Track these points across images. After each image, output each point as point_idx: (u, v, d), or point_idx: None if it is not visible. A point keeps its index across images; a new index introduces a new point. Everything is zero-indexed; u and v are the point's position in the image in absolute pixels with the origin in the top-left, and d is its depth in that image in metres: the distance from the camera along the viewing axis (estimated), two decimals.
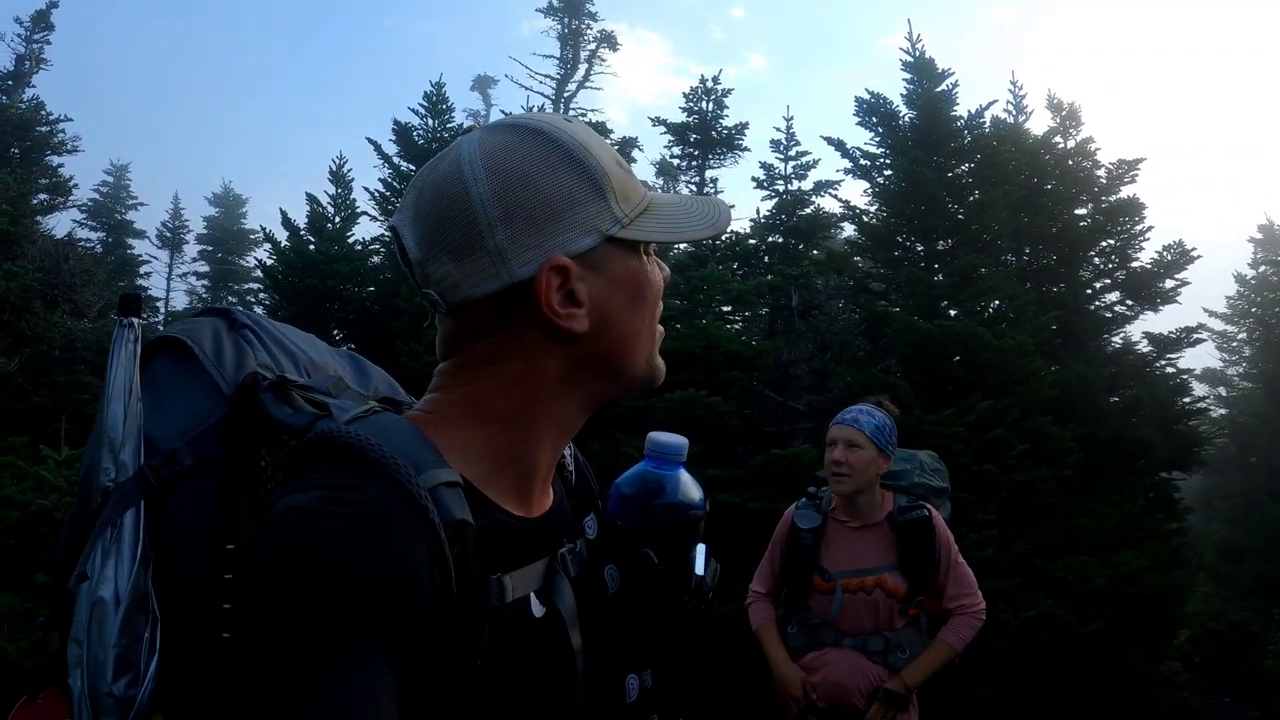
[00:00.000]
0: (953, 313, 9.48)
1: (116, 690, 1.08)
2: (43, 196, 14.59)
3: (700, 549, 1.24)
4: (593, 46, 18.77)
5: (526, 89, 19.10)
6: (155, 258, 30.12)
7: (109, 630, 1.09)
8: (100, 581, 1.10)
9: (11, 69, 16.44)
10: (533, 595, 1.04)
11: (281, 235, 10.82)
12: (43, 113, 15.60)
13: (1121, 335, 11.36)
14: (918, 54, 10.66)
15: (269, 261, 10.61)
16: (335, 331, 10.05)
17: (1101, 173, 11.72)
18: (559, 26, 18.65)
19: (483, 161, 1.03)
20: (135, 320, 1.24)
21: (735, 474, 7.69)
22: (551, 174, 1.04)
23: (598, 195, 1.05)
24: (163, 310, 26.23)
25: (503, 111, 11.91)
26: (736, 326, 10.70)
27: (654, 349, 1.14)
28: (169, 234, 31.72)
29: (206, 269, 31.82)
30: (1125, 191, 11.52)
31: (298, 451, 1.01)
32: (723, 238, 11.15)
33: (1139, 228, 11.34)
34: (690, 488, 1.25)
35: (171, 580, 1.12)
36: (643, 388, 1.15)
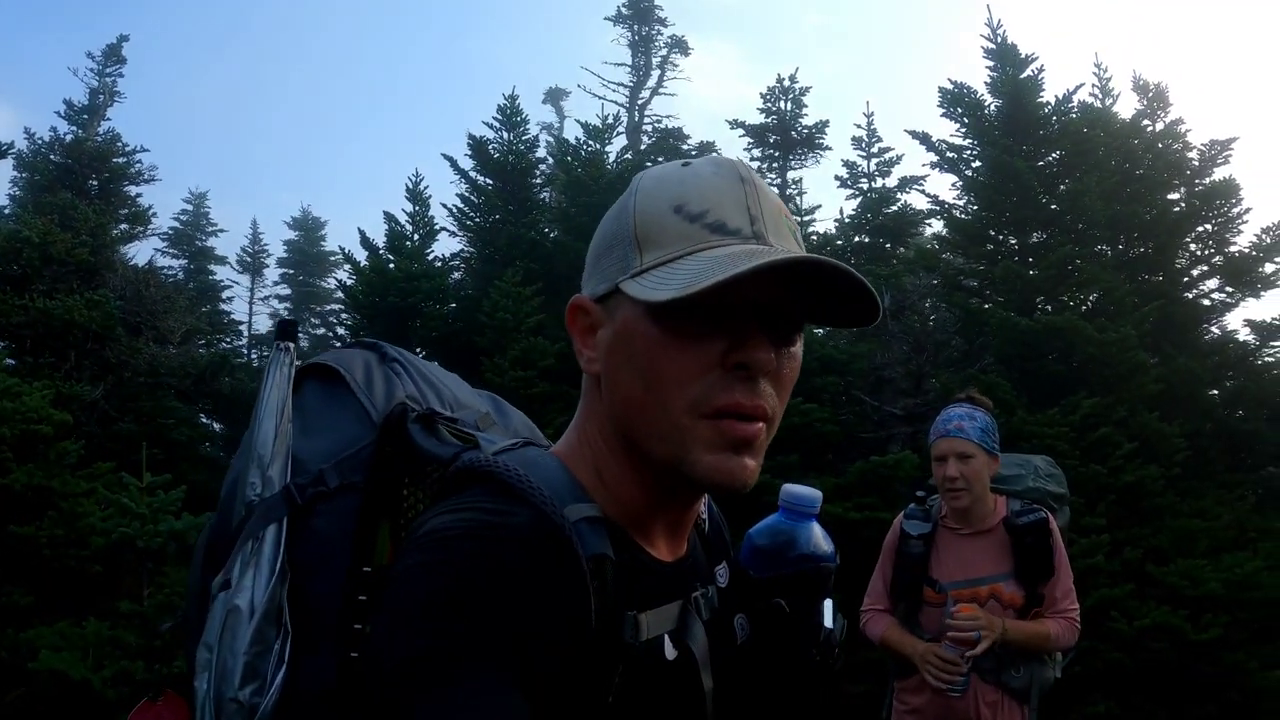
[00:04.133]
0: (1049, 308, 9.18)
1: (242, 697, 1.10)
2: (123, 226, 14.79)
3: (828, 603, 1.23)
4: (664, 52, 18.72)
5: (600, 98, 19.15)
6: (236, 283, 30.39)
7: (240, 638, 1.11)
8: (237, 590, 1.13)
9: (86, 103, 16.66)
10: (666, 637, 1.02)
11: (361, 255, 10.85)
12: (119, 144, 15.80)
13: (1221, 324, 10.98)
14: (1000, 40, 10.41)
15: (349, 282, 10.59)
16: (418, 349, 10.04)
17: (1193, 155, 11.35)
18: (629, 34, 18.61)
19: None
20: (290, 345, 1.30)
21: (835, 483, 7.54)
22: (609, 219, 1.06)
23: (622, 242, 1.01)
24: (245, 334, 26.62)
25: (578, 121, 11.82)
26: (824, 330, 10.46)
27: (686, 440, 0.97)
28: (249, 259, 32.03)
29: (288, 292, 32.15)
30: (1219, 173, 11.13)
31: (445, 479, 1.03)
32: (810, 238, 10.93)
33: (1236, 210, 10.92)
34: (822, 540, 1.24)
35: (307, 596, 1.14)
36: (678, 479, 1.00)
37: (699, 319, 0.95)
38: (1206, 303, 10.85)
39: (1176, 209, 10.93)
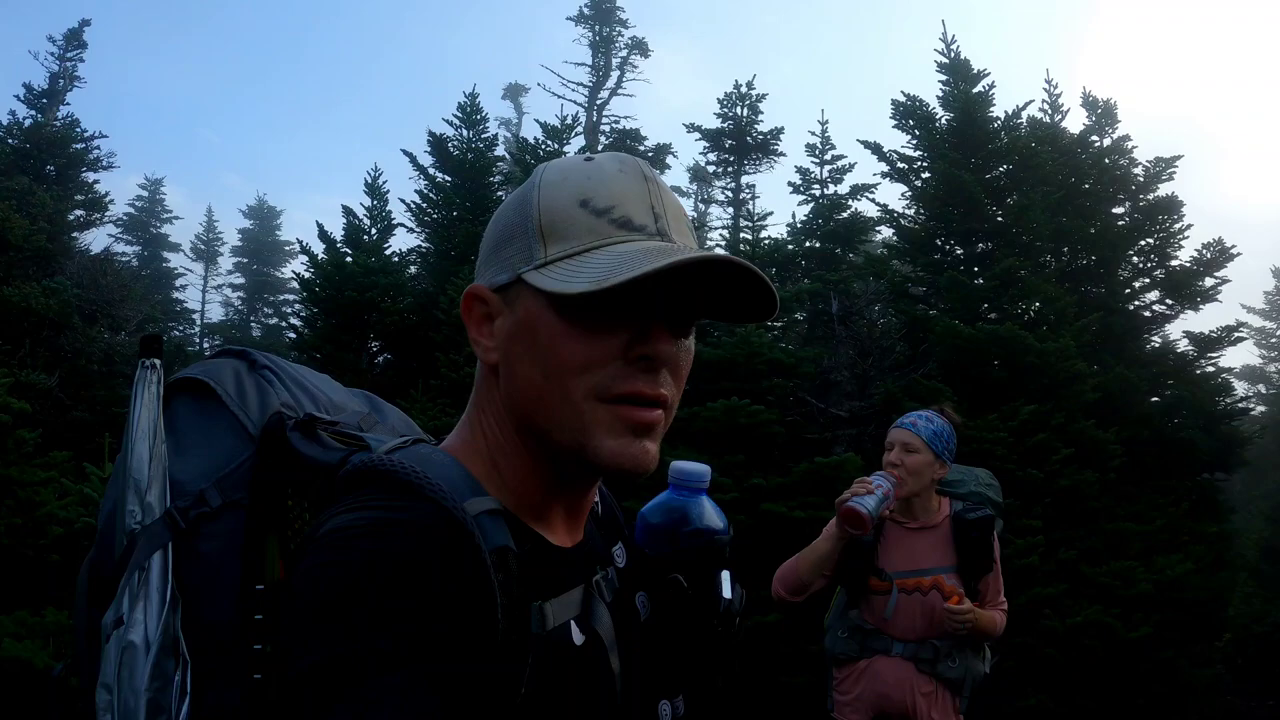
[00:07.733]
0: (993, 316, 9.41)
1: None
2: (79, 213, 14.67)
3: (725, 574, 1.25)
4: (624, 53, 18.81)
5: (560, 97, 19.25)
6: (190, 270, 30.42)
7: (139, 675, 1.08)
8: (129, 626, 1.10)
9: (46, 87, 16.55)
10: (572, 623, 1.02)
11: (318, 248, 10.71)
12: (77, 130, 15.63)
13: (1161, 335, 11.33)
14: (953, 55, 10.60)
15: (306, 275, 10.50)
16: (373, 343, 10.06)
17: (1139, 171, 11.67)
18: (590, 34, 18.69)
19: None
20: (157, 361, 1.25)
21: (780, 482, 7.64)
22: (509, 209, 1.05)
23: (524, 234, 1.02)
24: (199, 322, 26.46)
25: (536, 120, 11.88)
26: (775, 333, 10.59)
27: (587, 425, 0.99)
28: (203, 247, 31.96)
29: (242, 281, 32.00)
30: (1163, 189, 11.48)
31: (338, 482, 1.00)
32: (763, 243, 11.07)
33: (1177, 226, 11.26)
34: (713, 514, 1.27)
35: (201, 622, 1.12)
36: (581, 465, 1.02)
37: (603, 312, 0.97)
38: (1147, 314, 11.15)
39: (1121, 223, 11.24)
